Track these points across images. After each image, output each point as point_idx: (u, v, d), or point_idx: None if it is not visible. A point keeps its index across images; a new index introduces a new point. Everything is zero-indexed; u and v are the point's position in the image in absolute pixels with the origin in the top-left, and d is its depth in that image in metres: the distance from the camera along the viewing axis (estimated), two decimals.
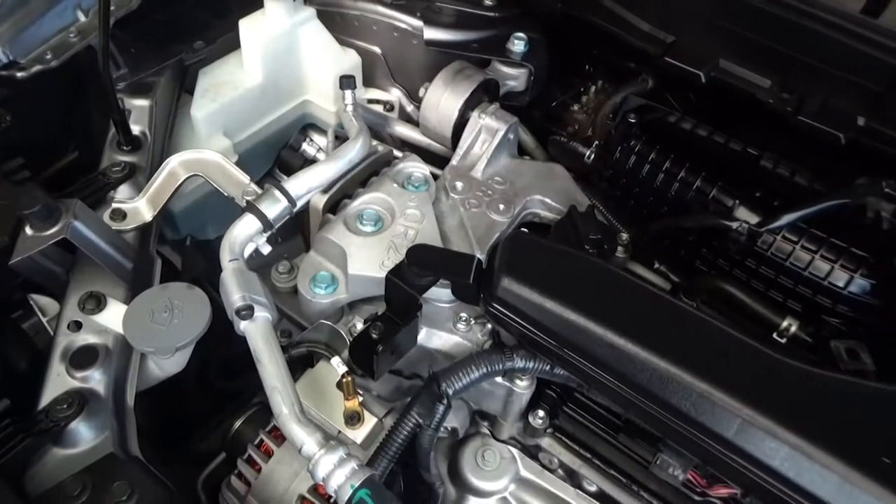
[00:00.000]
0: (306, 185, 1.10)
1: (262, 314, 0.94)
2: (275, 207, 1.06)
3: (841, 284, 1.04)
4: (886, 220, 1.08)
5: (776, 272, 1.07)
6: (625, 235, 1.21)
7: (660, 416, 0.89)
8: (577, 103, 1.63)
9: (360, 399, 1.09)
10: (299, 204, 1.12)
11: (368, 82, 1.59)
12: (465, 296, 1.05)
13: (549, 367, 1.03)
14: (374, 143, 1.37)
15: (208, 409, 1.42)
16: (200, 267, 1.38)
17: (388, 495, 0.80)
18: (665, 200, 1.16)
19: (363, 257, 1.13)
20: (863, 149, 1.14)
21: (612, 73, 1.53)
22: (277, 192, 1.05)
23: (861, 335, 1.06)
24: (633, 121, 1.19)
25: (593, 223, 1.21)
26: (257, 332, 0.92)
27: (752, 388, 0.85)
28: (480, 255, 1.16)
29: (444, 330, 1.11)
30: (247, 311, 0.91)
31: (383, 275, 1.01)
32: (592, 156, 1.36)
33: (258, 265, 1.36)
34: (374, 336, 0.99)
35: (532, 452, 1.21)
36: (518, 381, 1.09)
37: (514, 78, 1.47)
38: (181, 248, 1.45)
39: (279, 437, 1.10)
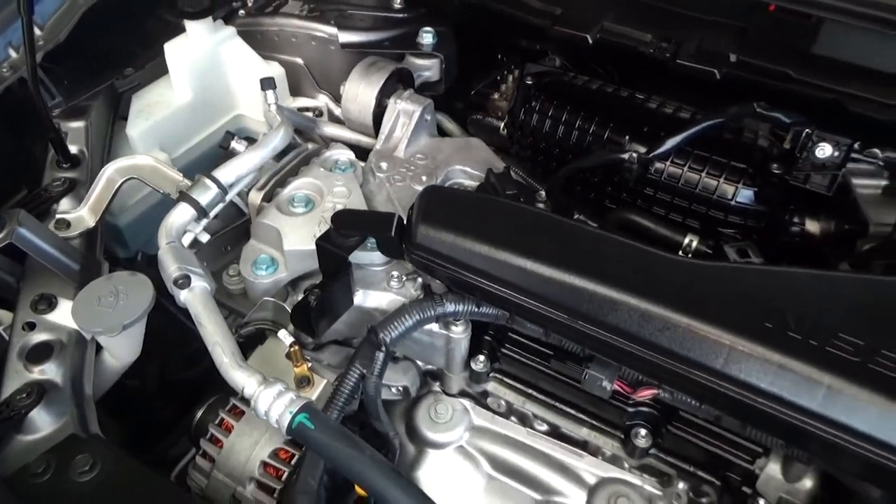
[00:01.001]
0: (234, 173, 1.19)
1: (200, 283, 1.01)
2: (206, 194, 1.14)
3: (728, 197, 1.14)
4: (763, 136, 1.20)
5: (672, 195, 1.18)
6: (542, 193, 1.32)
7: (578, 327, 0.97)
8: (497, 91, 1.75)
9: (309, 365, 1.17)
10: (233, 192, 1.21)
11: (296, 92, 1.69)
12: (390, 251, 1.13)
13: (476, 306, 1.11)
14: (307, 144, 1.47)
15: (175, 414, 1.47)
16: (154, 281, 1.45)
17: (327, 418, 0.86)
18: (569, 150, 1.26)
19: (297, 234, 1.21)
20: (738, 81, 1.26)
21: (522, 59, 1.66)
22: (207, 181, 1.14)
23: (755, 240, 1.17)
24: (530, 83, 1.30)
25: (510, 182, 1.31)
26: (196, 299, 1.00)
27: (651, 285, 0.95)
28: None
29: (380, 289, 1.19)
30: (184, 281, 0.99)
31: None
32: (505, 128, 1.46)
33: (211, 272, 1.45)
34: (310, 299, 1.07)
35: (481, 400, 1.28)
36: (454, 327, 1.17)
37: (427, 68, 1.59)
38: (133, 266, 1.52)
39: (238, 413, 1.16)
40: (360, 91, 1.43)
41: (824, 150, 1.10)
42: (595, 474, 1.18)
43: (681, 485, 1.15)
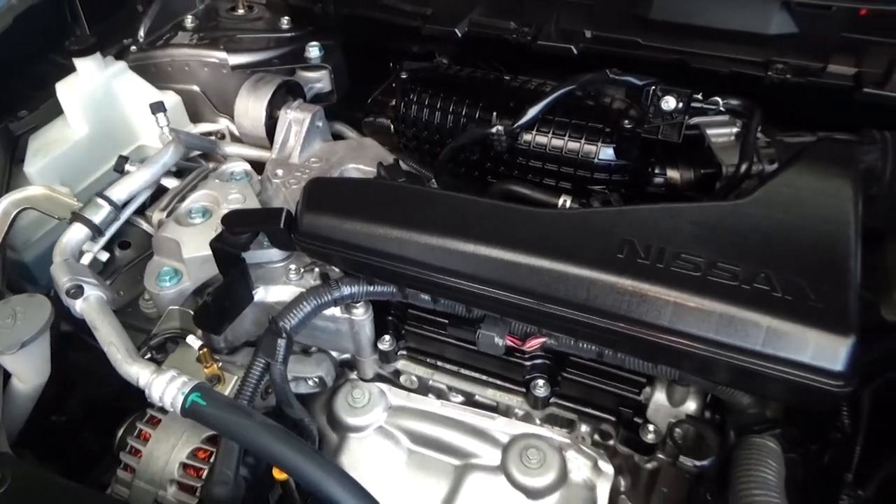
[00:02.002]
0: (126, 191, 1.23)
1: (94, 292, 1.05)
2: (99, 213, 1.18)
3: (592, 156, 1.24)
4: (619, 100, 1.30)
5: (542, 162, 1.26)
6: (433, 180, 1.39)
7: (456, 285, 1.04)
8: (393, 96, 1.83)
9: (220, 364, 1.21)
10: (129, 210, 1.25)
11: (197, 118, 1.75)
12: (282, 243, 1.18)
13: (371, 285, 1.17)
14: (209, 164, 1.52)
15: (104, 442, 1.48)
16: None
17: (219, 394, 0.91)
18: (448, 134, 1.35)
19: (194, 242, 1.26)
20: (595, 54, 1.37)
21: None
22: (100, 199, 1.18)
23: (623, 193, 1.26)
24: (405, 76, 1.39)
25: (399, 172, 1.39)
26: (91, 307, 1.04)
27: (514, 237, 1.02)
28: None
29: (280, 284, 1.25)
30: (76, 290, 1.02)
31: None
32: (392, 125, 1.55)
33: (128, 301, 1.48)
34: (207, 298, 1.12)
35: (394, 380, 1.34)
36: (355, 310, 1.23)
37: (318, 80, 1.67)
38: None
39: (155, 422, 1.19)
40: (250, 106, 1.50)
41: (669, 103, 1.20)
42: (507, 433, 1.24)
43: (583, 427, 1.22)
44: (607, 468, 1.20)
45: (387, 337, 1.27)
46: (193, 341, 1.19)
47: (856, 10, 1.15)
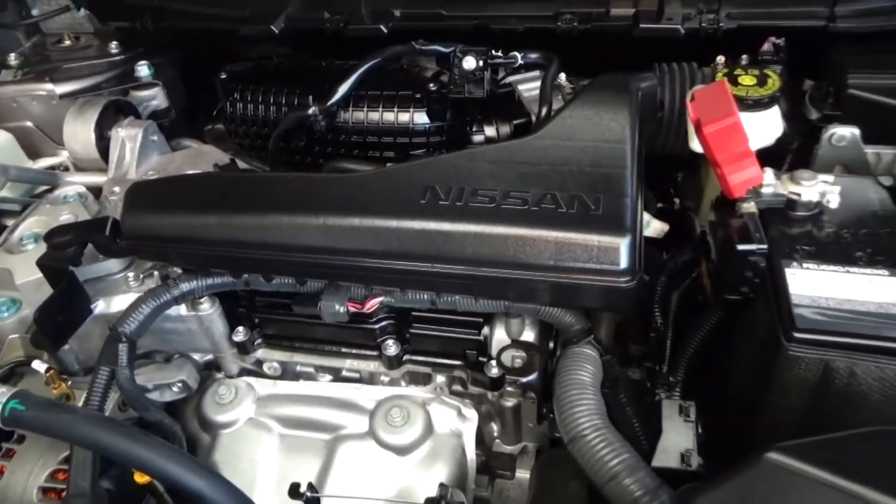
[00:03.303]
0: None
1: None
2: None
3: (407, 122, 1.30)
4: (429, 68, 1.37)
5: (364, 136, 1.32)
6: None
7: (292, 259, 1.07)
8: None
9: (69, 382, 1.20)
10: None
11: (36, 154, 1.71)
12: (112, 251, 1.19)
13: (210, 278, 1.19)
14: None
15: None
16: None
17: (38, 397, 0.91)
18: (274, 125, 1.37)
19: (27, 268, 1.24)
20: (406, 30, 1.44)
21: None
22: None
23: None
24: (224, 77, 1.42)
25: (235, 170, 1.42)
26: None
27: (326, 201, 1.07)
28: None
29: (121, 293, 1.25)
30: None
31: None
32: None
33: None
34: (34, 315, 1.11)
35: (259, 371, 1.35)
36: (201, 306, 1.24)
37: (152, 98, 1.67)
38: None
39: (11, 454, 1.16)
40: (78, 130, 1.49)
41: (469, 63, 1.27)
42: (372, 399, 1.27)
43: (440, 378, 1.27)
44: (471, 414, 1.25)
45: (240, 328, 1.29)
46: (39, 365, 1.18)
47: None
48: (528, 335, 1.20)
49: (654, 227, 1.37)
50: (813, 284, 0.83)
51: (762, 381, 0.85)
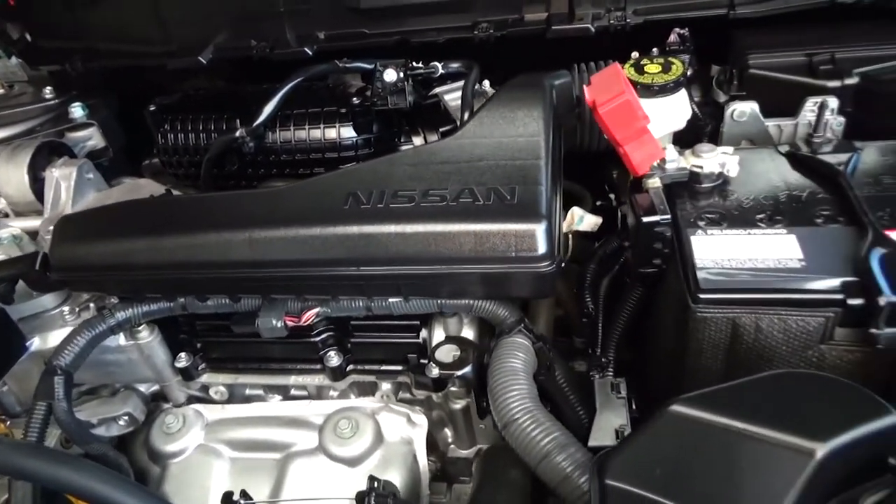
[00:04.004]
0: None
1: None
2: None
3: (335, 137, 1.33)
4: (353, 84, 1.41)
5: (293, 154, 1.34)
6: None
7: (223, 275, 1.08)
8: None
9: (8, 423, 1.18)
10: None
11: None
12: (41, 285, 1.18)
13: (146, 305, 1.19)
14: None
15: None
16: None
17: None
18: (205, 152, 1.39)
19: None
20: (332, 51, 1.47)
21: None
22: None
23: None
24: (153, 109, 1.44)
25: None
26: None
27: (252, 216, 1.08)
28: None
29: (57, 328, 1.24)
30: None
31: None
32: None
33: None
34: None
35: (205, 396, 1.35)
36: (139, 334, 1.24)
37: (88, 138, 1.67)
38: None
39: None
40: (11, 173, 1.49)
41: (390, 75, 1.31)
42: (321, 414, 1.27)
43: (385, 385, 1.27)
44: (420, 420, 1.25)
45: (183, 354, 1.29)
46: None
47: None
48: (468, 333, 1.21)
49: (587, 221, 1.40)
50: (716, 249, 0.86)
51: (679, 346, 0.87)
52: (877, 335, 0.76)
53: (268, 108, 1.30)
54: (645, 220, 0.90)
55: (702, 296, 0.81)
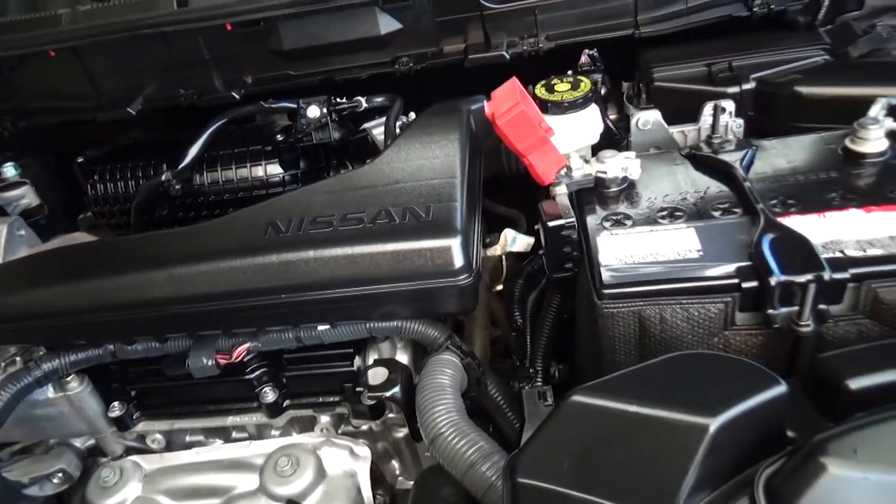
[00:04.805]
0: None
1: None
2: None
3: (262, 175, 1.34)
4: (279, 123, 1.43)
5: (222, 194, 1.35)
6: None
7: (148, 315, 1.07)
8: None
9: None
10: None
11: None
12: None
13: (73, 354, 1.17)
14: None
15: None
16: None
17: None
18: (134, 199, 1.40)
19: None
20: (258, 94, 1.49)
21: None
22: None
23: None
24: (80, 161, 1.44)
25: None
26: None
27: (174, 253, 1.08)
28: None
29: None
30: None
31: None
32: None
33: None
34: None
35: (143, 446, 1.31)
36: (68, 385, 1.21)
37: (21, 197, 1.67)
38: None
39: None
40: None
41: (313, 111, 1.34)
42: (262, 454, 1.25)
43: (323, 418, 1.25)
44: (363, 451, 1.23)
45: (116, 404, 1.26)
46: None
47: None
48: (402, 357, 1.21)
49: (520, 242, 1.42)
50: (620, 247, 0.88)
51: (596, 345, 0.88)
52: (773, 315, 0.78)
53: (192, 151, 1.31)
54: (550, 224, 0.92)
55: (605, 291, 0.83)
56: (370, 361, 1.21)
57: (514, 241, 1.44)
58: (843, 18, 1.40)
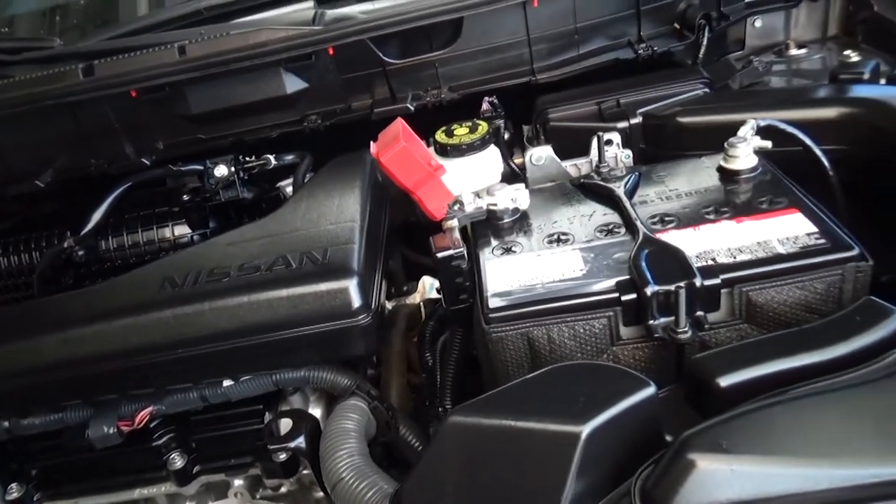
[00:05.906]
0: None
1: None
2: None
3: (169, 237, 1.33)
4: (187, 185, 1.43)
5: (129, 259, 1.33)
6: None
7: (38, 381, 1.03)
8: None
9: None
10: None
11: None
12: None
13: None
14: None
15: None
16: None
17: None
18: None
19: None
20: (170, 159, 1.49)
21: None
22: None
23: None
24: None
25: None
26: None
27: (69, 317, 1.05)
28: None
29: None
30: None
31: None
32: None
33: None
34: None
35: None
36: None
37: None
38: None
39: None
40: None
41: (221, 170, 1.34)
42: None
43: (237, 482, 1.20)
44: None
45: (14, 485, 1.18)
46: None
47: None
48: (315, 410, 1.17)
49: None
50: (508, 274, 0.89)
51: (492, 373, 0.88)
52: (653, 325, 0.79)
53: (95, 216, 1.30)
54: (440, 255, 0.93)
55: (492, 315, 0.83)
56: (279, 416, 1.17)
57: (433, 288, 1.44)
58: (725, 59, 1.51)
